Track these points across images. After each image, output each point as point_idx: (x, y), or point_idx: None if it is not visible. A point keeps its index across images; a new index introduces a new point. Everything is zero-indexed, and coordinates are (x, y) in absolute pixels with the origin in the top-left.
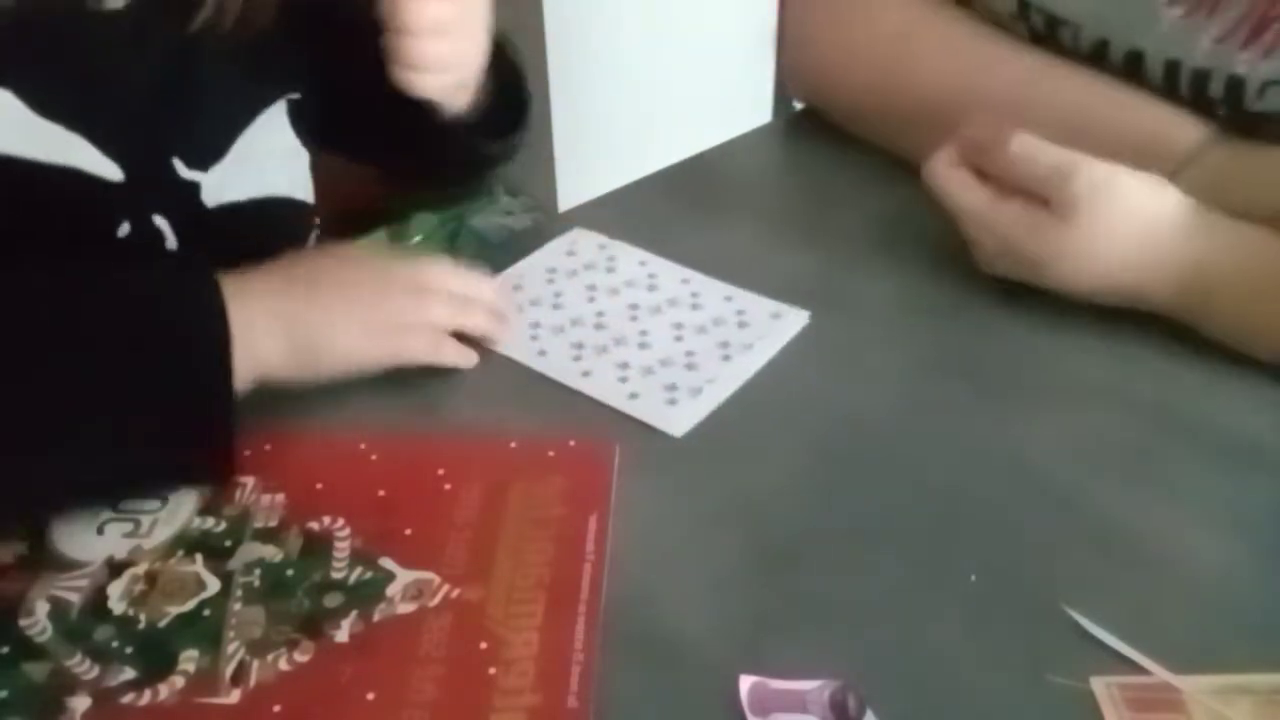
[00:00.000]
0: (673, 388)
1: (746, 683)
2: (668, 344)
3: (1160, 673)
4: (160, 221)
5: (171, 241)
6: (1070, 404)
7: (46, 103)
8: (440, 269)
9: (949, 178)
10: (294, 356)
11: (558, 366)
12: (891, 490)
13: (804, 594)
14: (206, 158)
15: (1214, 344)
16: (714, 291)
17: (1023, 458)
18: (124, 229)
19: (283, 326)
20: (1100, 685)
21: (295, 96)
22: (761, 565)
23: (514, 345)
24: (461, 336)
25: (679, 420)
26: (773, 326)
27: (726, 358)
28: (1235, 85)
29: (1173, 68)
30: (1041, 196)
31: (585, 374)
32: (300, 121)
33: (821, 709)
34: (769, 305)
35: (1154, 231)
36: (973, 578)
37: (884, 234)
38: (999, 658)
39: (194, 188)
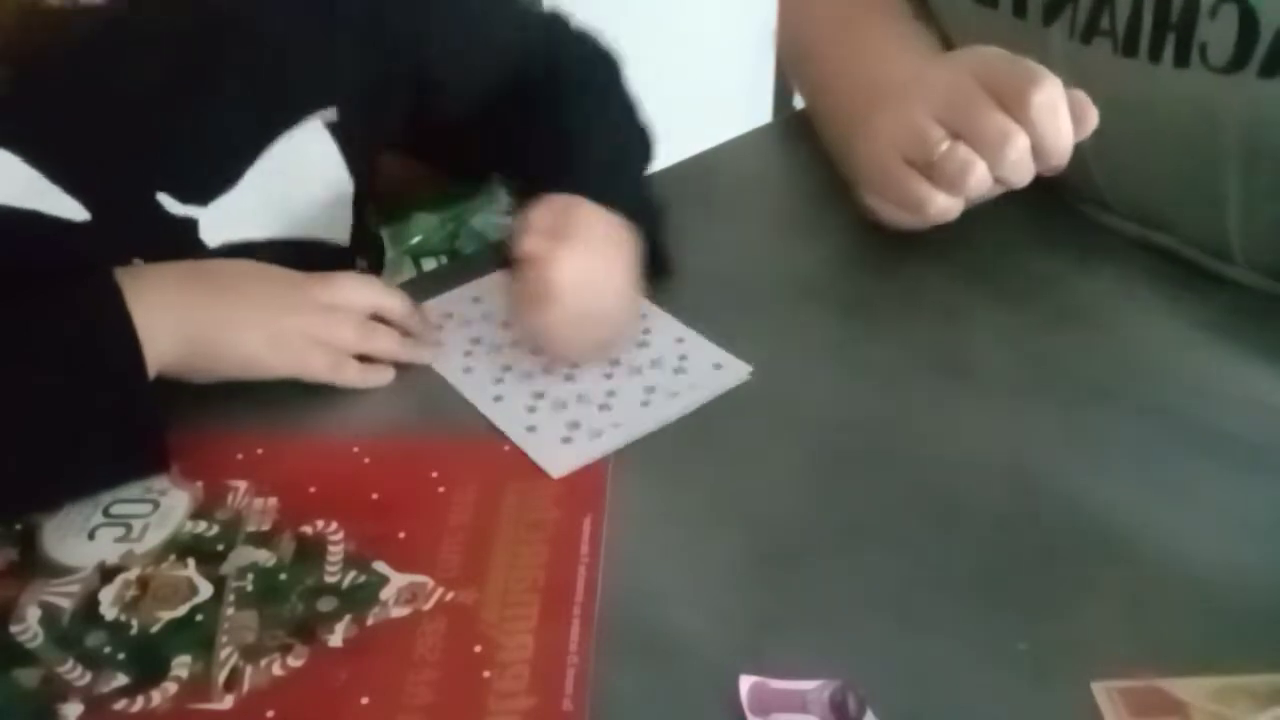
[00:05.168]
0: (574, 425)
1: (746, 683)
2: (594, 380)
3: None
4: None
5: None
6: (1070, 404)
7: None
8: (353, 287)
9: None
10: (191, 353)
11: (474, 386)
12: (891, 490)
13: (804, 594)
14: (207, 190)
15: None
16: (667, 331)
17: (1022, 458)
18: None
19: (180, 322)
20: (1100, 689)
21: (331, 117)
22: (761, 565)
23: (444, 359)
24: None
25: (562, 461)
26: (708, 377)
27: (645, 404)
28: (1191, 4)
29: None
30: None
31: (497, 398)
32: (346, 143)
33: (821, 709)
34: (713, 354)
35: None
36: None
37: (883, 234)
38: (999, 658)
39: (188, 225)
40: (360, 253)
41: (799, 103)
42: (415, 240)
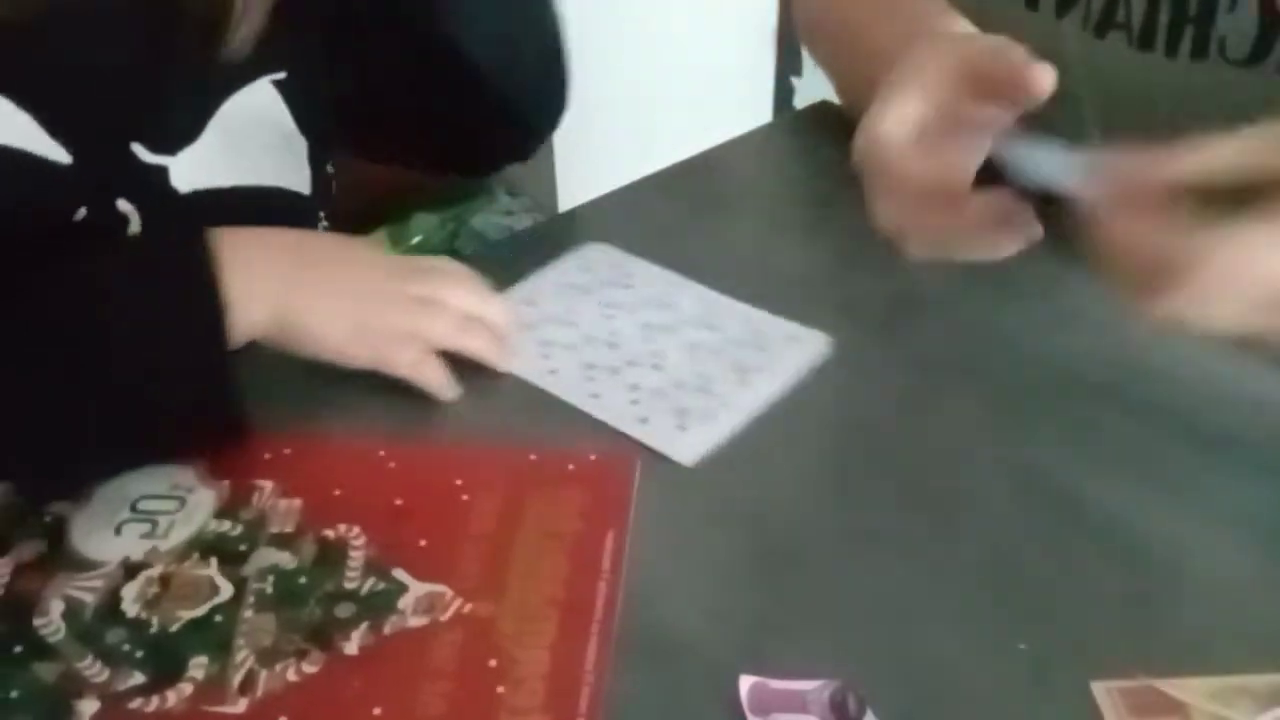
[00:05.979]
0: (684, 412)
1: (746, 683)
2: (682, 366)
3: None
4: (125, 206)
5: (136, 227)
6: (1070, 404)
7: None
8: (454, 283)
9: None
10: (279, 333)
11: (567, 386)
12: (891, 490)
13: (804, 594)
14: (174, 141)
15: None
16: (731, 311)
17: (1023, 458)
18: (81, 213)
19: (273, 304)
20: (1100, 689)
21: (279, 76)
22: (761, 565)
23: (524, 363)
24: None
25: (689, 447)
26: (789, 349)
27: (743, 382)
28: None
29: None
30: None
31: (595, 395)
32: (295, 103)
33: (821, 709)
34: (785, 327)
35: None
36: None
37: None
38: (999, 659)
39: (160, 172)
40: (322, 204)
41: (799, 102)
42: (415, 240)
